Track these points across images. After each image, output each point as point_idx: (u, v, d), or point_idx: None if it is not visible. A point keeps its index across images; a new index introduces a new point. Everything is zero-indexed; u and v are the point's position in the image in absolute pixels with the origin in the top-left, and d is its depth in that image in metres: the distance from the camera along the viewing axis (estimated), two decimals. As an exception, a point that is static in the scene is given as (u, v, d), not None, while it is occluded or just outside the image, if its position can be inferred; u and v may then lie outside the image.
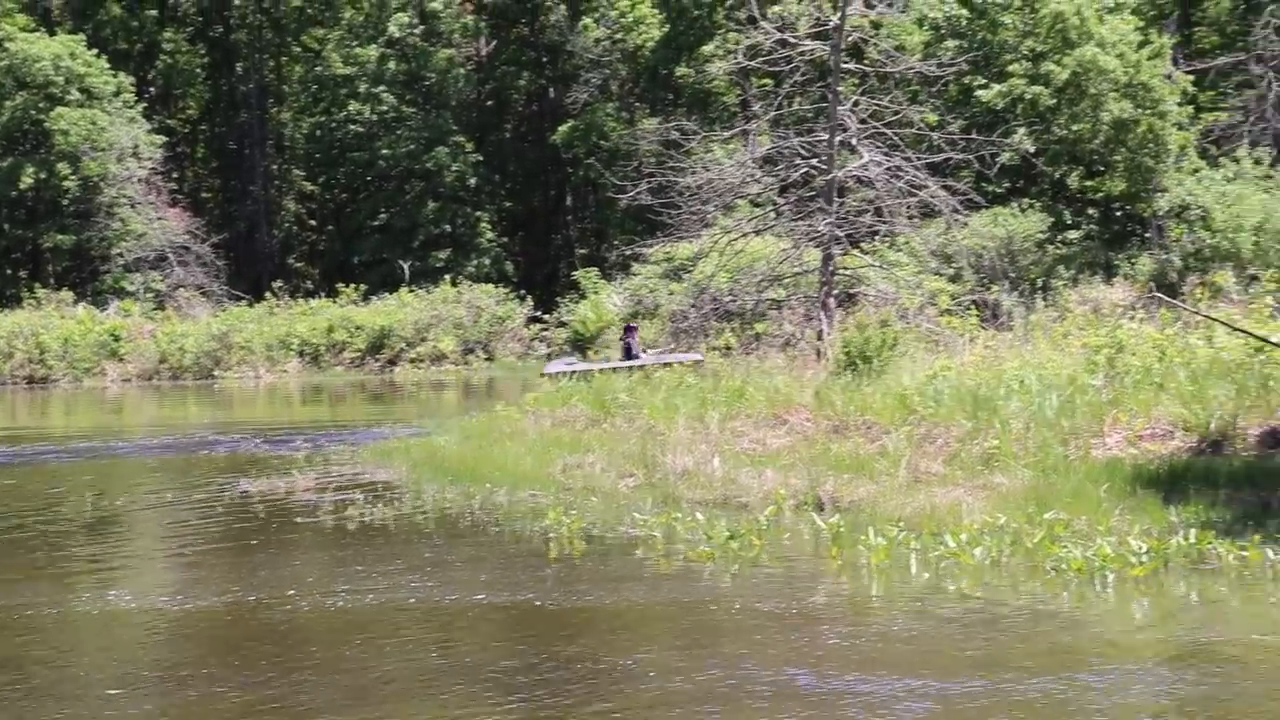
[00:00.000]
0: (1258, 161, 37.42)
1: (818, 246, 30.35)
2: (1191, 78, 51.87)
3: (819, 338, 27.67)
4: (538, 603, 13.55)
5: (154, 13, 71.73)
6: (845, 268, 31.07)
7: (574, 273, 60.65)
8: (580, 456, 21.27)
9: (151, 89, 71.29)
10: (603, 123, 66.15)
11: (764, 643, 11.89)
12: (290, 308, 57.52)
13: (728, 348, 29.78)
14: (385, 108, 68.12)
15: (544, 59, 71.78)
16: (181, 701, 10.83)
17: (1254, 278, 31.17)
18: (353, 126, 68.58)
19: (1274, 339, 19.52)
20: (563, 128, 66.99)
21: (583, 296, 55.97)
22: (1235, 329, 20.51)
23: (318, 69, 71.27)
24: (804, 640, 11.97)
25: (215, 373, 51.96)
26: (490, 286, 58.43)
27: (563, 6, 70.46)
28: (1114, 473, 16.84)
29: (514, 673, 11.30)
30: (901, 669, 11.00)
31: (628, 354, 32.73)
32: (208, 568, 16.05)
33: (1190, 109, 51.16)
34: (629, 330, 34.18)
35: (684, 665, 11.30)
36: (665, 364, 28.12)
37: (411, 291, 57.78)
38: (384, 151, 67.35)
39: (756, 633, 12.24)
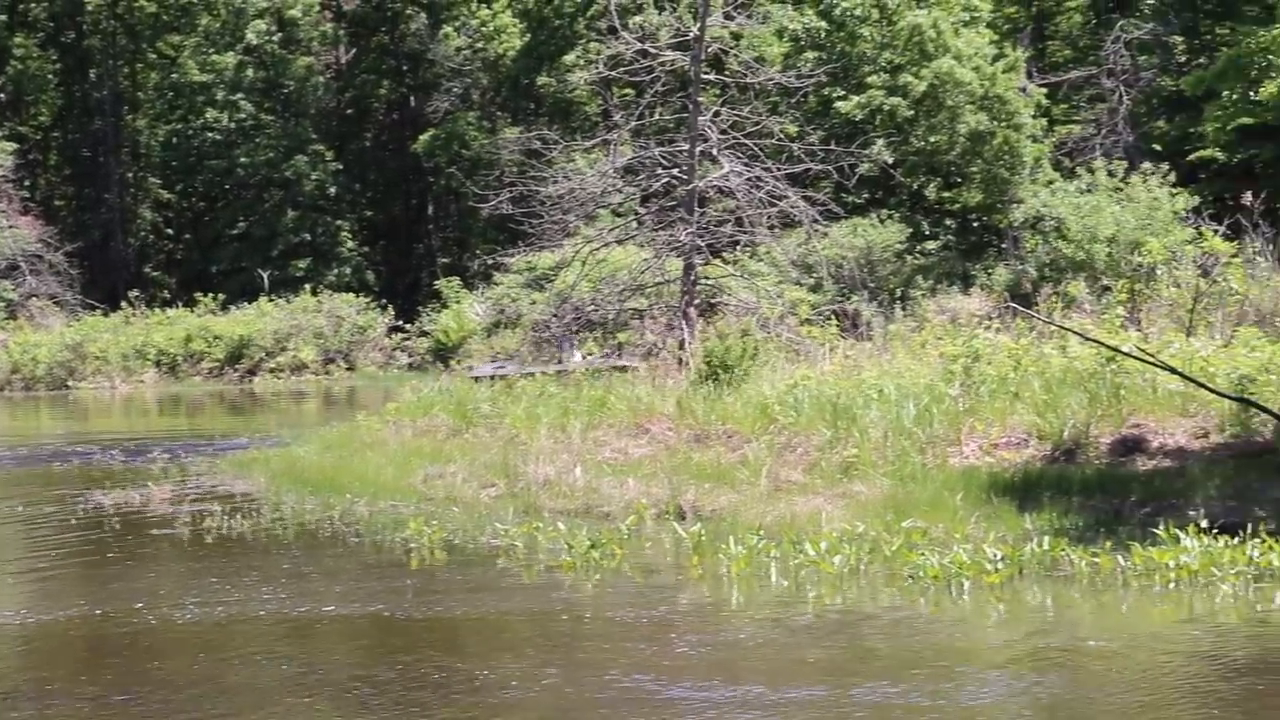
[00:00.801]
0: (1111, 174, 38.04)
1: (679, 256, 30.42)
2: (1045, 91, 52.71)
3: (681, 347, 27.72)
4: (396, 613, 13.47)
5: (3, 18, 70.35)
6: (706, 277, 31.18)
7: (436, 282, 60.37)
8: (442, 466, 21.19)
9: (1, 95, 69.92)
10: (464, 132, 65.90)
11: (622, 652, 11.89)
12: (147, 317, 56.70)
13: (589, 357, 29.75)
14: (243, 115, 67.37)
15: (404, 67, 71.38)
16: (21, 719, 10.62)
17: (1106, 288, 31.66)
18: (210, 134, 67.75)
19: (1125, 349, 19.84)
20: (424, 136, 66.66)
21: (445, 306, 55.76)
22: (1088, 339, 20.82)
23: (174, 76, 70.28)
24: (662, 649, 11.99)
25: (69, 383, 51.07)
26: (351, 296, 58.02)
27: (423, 15, 70.11)
28: (970, 481, 17.05)
29: (368, 684, 11.21)
30: (756, 676, 11.05)
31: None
32: (58, 581, 15.78)
33: (1044, 122, 51.97)
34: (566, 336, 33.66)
35: (541, 675, 11.28)
36: (595, 369, 27.88)
37: (271, 301, 57.19)
38: (242, 160, 66.61)
39: (615, 641, 12.24)
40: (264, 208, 66.61)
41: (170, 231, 72.40)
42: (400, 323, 57.19)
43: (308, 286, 59.07)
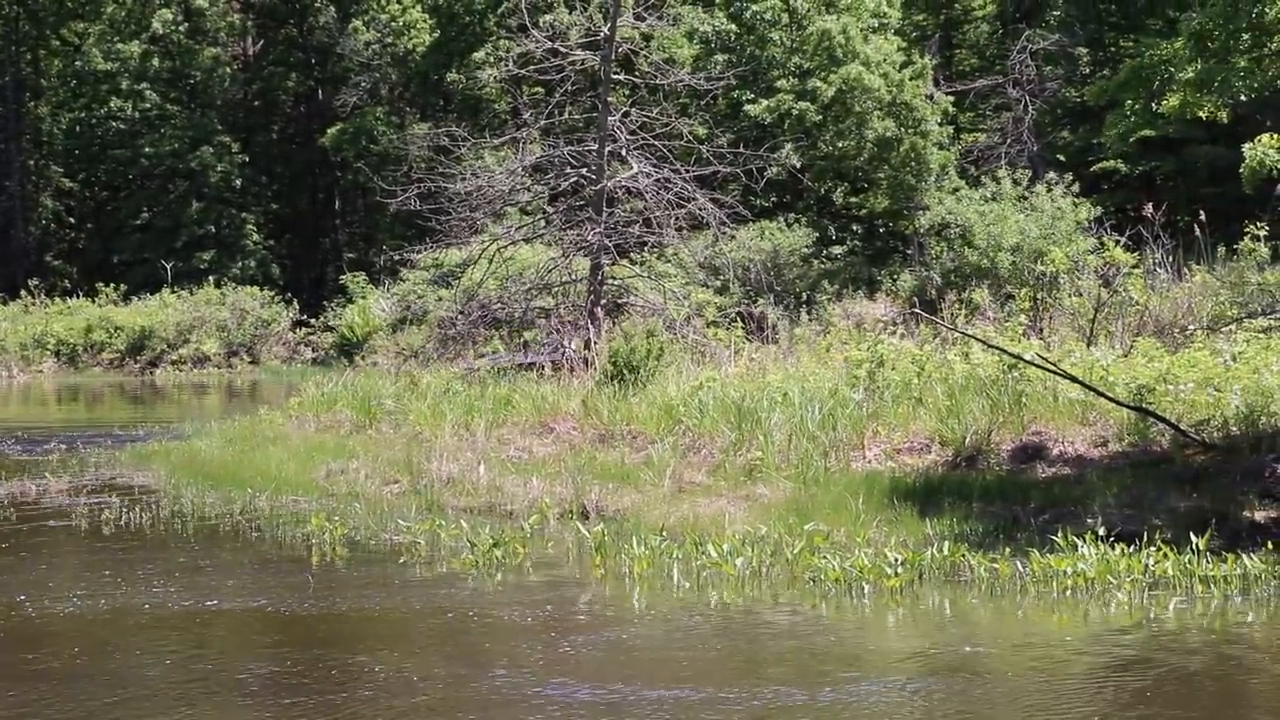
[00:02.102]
0: (1016, 183, 38.43)
1: (587, 255, 30.42)
2: (952, 99, 53.12)
3: (587, 347, 27.73)
4: (293, 609, 13.38)
5: (-97, 1, 69.35)
6: (614, 277, 31.19)
7: (342, 277, 60.11)
8: (345, 462, 21.09)
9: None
10: (372, 126, 65.60)
11: (521, 651, 11.88)
12: (47, 306, 56.09)
13: (496, 355, 29.65)
14: (148, 105, 66.72)
15: (313, 60, 70.94)
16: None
17: (1009, 296, 31.97)
18: (114, 123, 67.04)
19: (1027, 357, 20.03)
20: (332, 130, 66.28)
21: (350, 301, 55.52)
22: (990, 346, 21.01)
23: (78, 64, 69.43)
24: (561, 649, 11.99)
25: (-35, 372, 50.39)
26: (255, 289, 57.65)
27: (332, 8, 69.72)
28: (873, 485, 17.16)
29: (257, 680, 11.14)
30: (654, 677, 11.07)
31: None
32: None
33: (951, 129, 52.38)
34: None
35: (440, 673, 11.25)
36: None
37: (174, 293, 56.70)
38: (147, 150, 65.96)
39: (515, 640, 12.23)
40: (168, 198, 66.01)
41: (72, 221, 71.58)
42: (305, 317, 56.88)
43: (212, 279, 58.67)
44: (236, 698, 10.78)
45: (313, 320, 56.68)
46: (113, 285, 57.92)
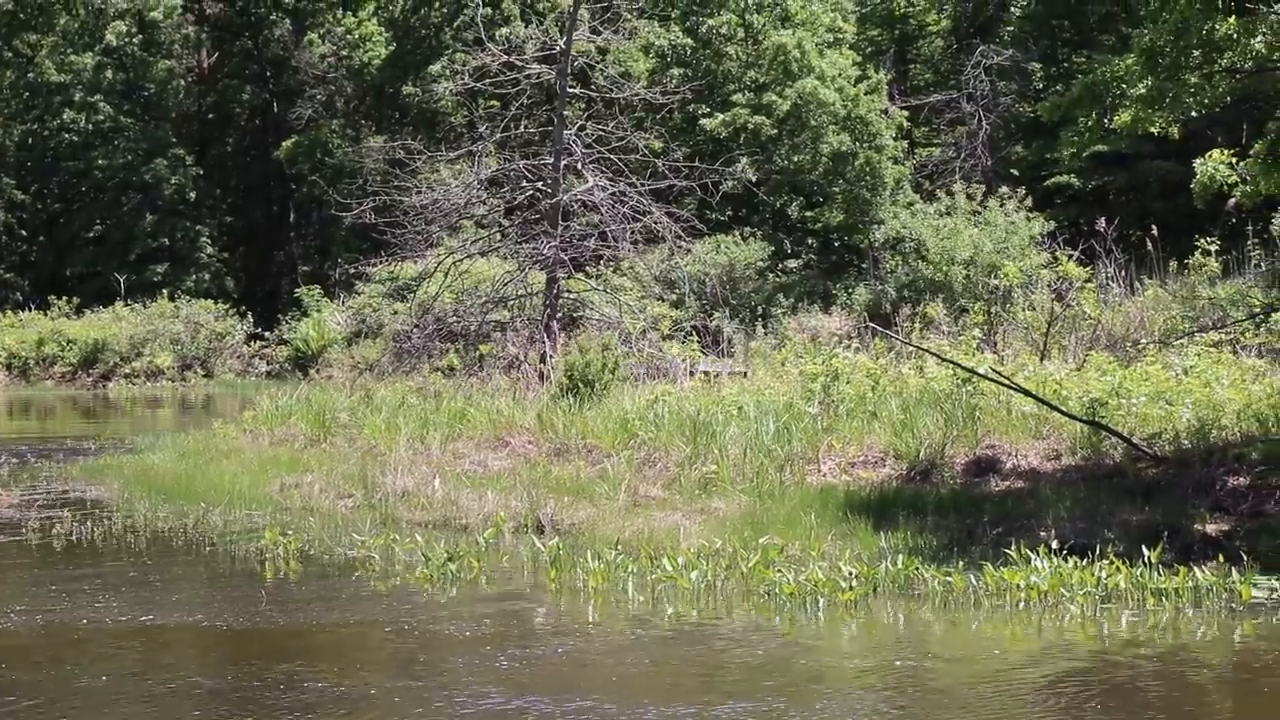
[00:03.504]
0: (970, 197, 38.61)
1: (542, 269, 30.42)
2: (906, 113, 53.37)
3: (542, 360, 27.72)
4: (246, 623, 13.31)
5: None
6: (569, 291, 31.20)
7: (296, 290, 59.92)
8: (299, 476, 21.03)
9: None
10: (327, 139, 65.48)
11: (474, 665, 11.84)
12: (-2, 319, 55.75)
13: (451, 369, 29.60)
14: (102, 117, 66.42)
15: (268, 73, 70.74)
16: None
17: (964, 310, 32.13)
18: (67, 135, 66.71)
19: (981, 370, 20.12)
20: (287, 143, 66.12)
21: (305, 314, 55.35)
22: (945, 360, 21.10)
23: (30, 75, 69.08)
24: (515, 663, 11.96)
25: (-84, 386, 50.03)
26: (209, 302, 57.45)
27: (287, 21, 69.57)
28: (827, 499, 17.20)
29: (207, 696, 11.06)
30: (607, 691, 11.05)
31: None
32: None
33: (905, 144, 52.63)
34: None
35: (393, 687, 11.20)
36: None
37: (127, 305, 56.43)
38: (100, 162, 65.67)
39: (469, 654, 12.19)
40: (121, 211, 65.72)
41: (24, 233, 71.07)
42: (260, 330, 56.68)
43: (165, 291, 58.40)
44: (176, 713, 10.70)
45: (267, 333, 56.48)
46: (65, 298, 57.61)
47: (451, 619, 13.61)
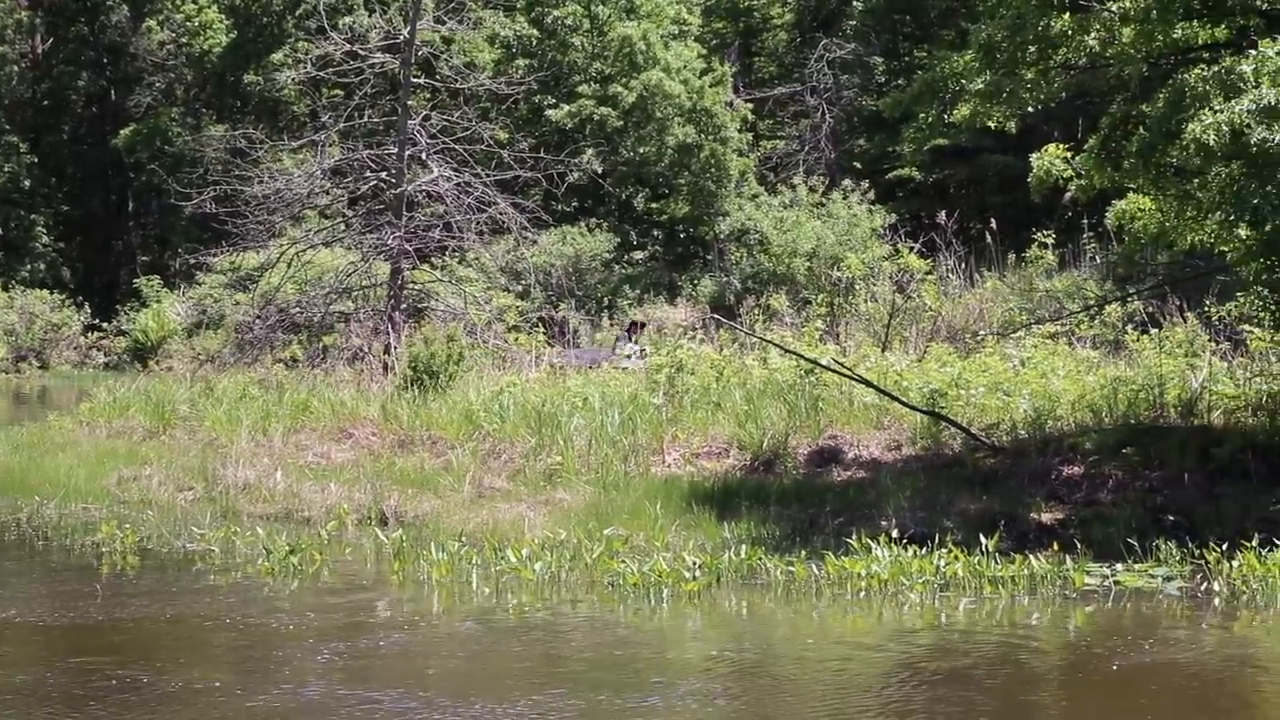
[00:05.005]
0: (812, 190, 38.95)
1: (387, 260, 30.23)
2: (751, 106, 53.73)
3: (386, 352, 27.54)
4: (80, 618, 13.07)
5: None
6: (414, 282, 31.04)
7: (136, 280, 58.97)
8: (137, 469, 20.71)
9: None
10: (167, 128, 64.46)
11: (315, 658, 11.73)
12: None
13: (294, 360, 29.29)
14: (-68, 103, 64.89)
15: (105, 60, 69.46)
16: None
17: (807, 301, 32.42)
18: (-105, 122, 65.09)
19: (823, 362, 20.32)
20: (125, 131, 65.00)
21: (144, 305, 54.50)
22: (788, 351, 21.27)
23: None
24: (355, 656, 11.87)
25: None
26: (45, 292, 56.38)
27: (125, 7, 68.34)
28: (672, 490, 17.27)
29: (35, 692, 10.81)
30: (448, 683, 11.03)
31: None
32: None
33: (750, 136, 52.95)
34: (638, 327, 32.12)
35: (231, 682, 11.05)
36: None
37: (-41, 296, 55.21)
38: (-71, 149, 64.15)
39: (309, 648, 12.06)
40: (-48, 200, 64.19)
41: None
42: (97, 321, 55.72)
43: (-1, 281, 57.21)
44: (21, 712, 10.47)
45: (105, 324, 55.56)
46: (-105, 288, 56.30)
47: (292, 612, 13.47)
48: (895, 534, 14.82)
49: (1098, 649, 12.04)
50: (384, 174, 30.38)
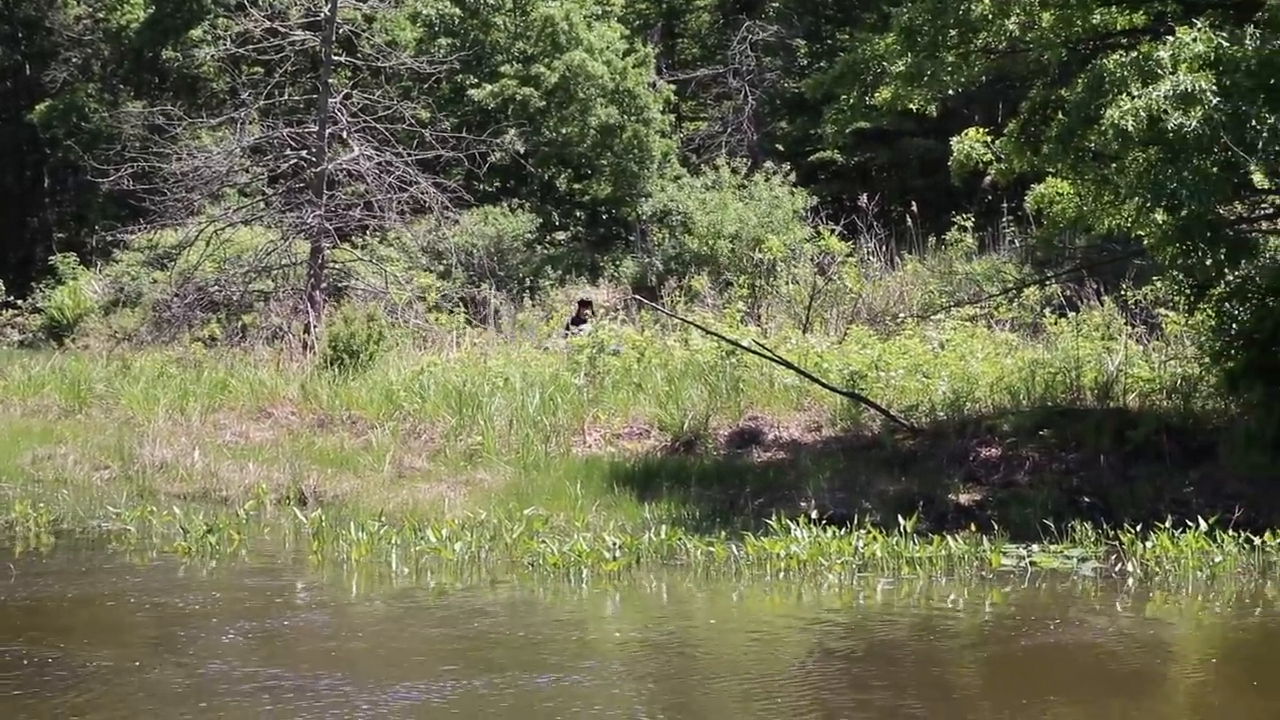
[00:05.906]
0: (735, 171, 38.97)
1: (307, 238, 30.05)
2: (674, 87, 53.66)
3: (306, 331, 27.38)
4: (-5, 599, 12.93)
5: None
6: (334, 261, 30.87)
7: (51, 257, 58.27)
8: (52, 447, 20.54)
9: None
10: (84, 104, 63.64)
11: (229, 639, 11.65)
12: None
13: (213, 339, 29.07)
14: None
15: (19, 34, 68.57)
16: None
17: (729, 283, 32.45)
18: None
19: (744, 343, 20.38)
20: (40, 107, 64.10)
21: (60, 282, 53.84)
22: (709, 332, 21.32)
23: None
24: (272, 637, 11.81)
25: None
26: (-43, 270, 55.64)
27: (42, -20, 67.48)
28: (592, 470, 17.30)
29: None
30: (363, 664, 10.97)
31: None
32: None
33: (673, 117, 52.90)
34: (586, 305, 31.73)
35: (144, 662, 10.94)
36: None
37: None
38: None
39: (225, 628, 11.98)
40: None
41: None
42: (11, 298, 55.03)
43: (-91, 258, 56.47)
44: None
45: (20, 301, 54.82)
46: None
47: (207, 591, 13.39)
48: (814, 515, 14.91)
49: (1011, 629, 12.15)
50: (304, 152, 30.18)
